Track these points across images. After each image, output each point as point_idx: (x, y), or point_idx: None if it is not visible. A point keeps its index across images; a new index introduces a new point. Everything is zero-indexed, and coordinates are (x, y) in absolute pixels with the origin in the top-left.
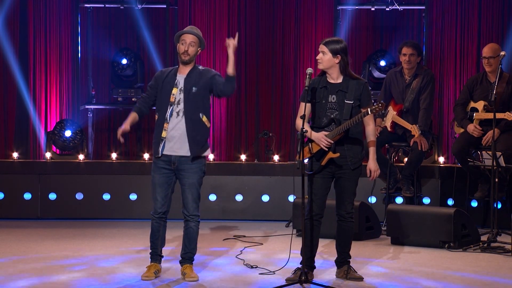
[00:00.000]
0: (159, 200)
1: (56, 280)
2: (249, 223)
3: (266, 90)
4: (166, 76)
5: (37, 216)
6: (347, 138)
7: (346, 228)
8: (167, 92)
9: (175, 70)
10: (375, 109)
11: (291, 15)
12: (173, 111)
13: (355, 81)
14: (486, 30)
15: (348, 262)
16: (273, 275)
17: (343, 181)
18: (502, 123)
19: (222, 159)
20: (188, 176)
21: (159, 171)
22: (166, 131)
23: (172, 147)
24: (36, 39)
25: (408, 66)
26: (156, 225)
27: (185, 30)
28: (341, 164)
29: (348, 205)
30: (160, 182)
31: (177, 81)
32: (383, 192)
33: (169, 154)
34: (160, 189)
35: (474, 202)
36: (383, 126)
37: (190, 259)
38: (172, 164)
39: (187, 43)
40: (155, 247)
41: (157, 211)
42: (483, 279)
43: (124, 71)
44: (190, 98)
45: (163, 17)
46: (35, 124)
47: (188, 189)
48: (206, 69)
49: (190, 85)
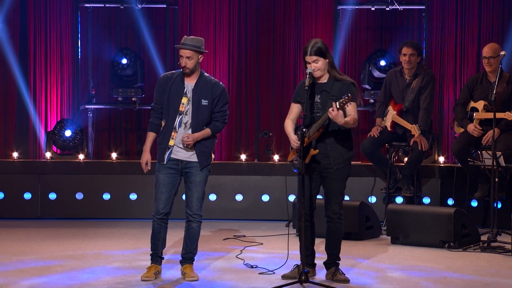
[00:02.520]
0: (162, 200)
1: (56, 280)
2: (249, 222)
3: (266, 90)
4: (173, 82)
5: (37, 216)
6: (330, 137)
7: (334, 229)
8: (175, 99)
9: (181, 75)
10: (342, 102)
11: (291, 15)
12: (182, 122)
13: (340, 83)
14: (486, 30)
15: (337, 264)
16: (273, 275)
17: (328, 181)
18: (502, 122)
19: (222, 158)
20: (195, 173)
21: (165, 170)
22: (174, 140)
23: (181, 152)
24: (36, 39)
25: (408, 66)
26: (158, 226)
27: (182, 44)
28: (324, 163)
29: (334, 206)
30: (165, 182)
31: (186, 89)
32: (383, 192)
33: (177, 159)
34: (165, 189)
35: (474, 202)
36: (383, 126)
37: (191, 259)
38: (180, 163)
39: (184, 58)
40: (155, 248)
41: (159, 212)
42: (483, 279)
43: (124, 71)
44: (199, 111)
45: (163, 17)
46: (35, 124)
47: (194, 187)
48: (216, 82)
49: (200, 97)
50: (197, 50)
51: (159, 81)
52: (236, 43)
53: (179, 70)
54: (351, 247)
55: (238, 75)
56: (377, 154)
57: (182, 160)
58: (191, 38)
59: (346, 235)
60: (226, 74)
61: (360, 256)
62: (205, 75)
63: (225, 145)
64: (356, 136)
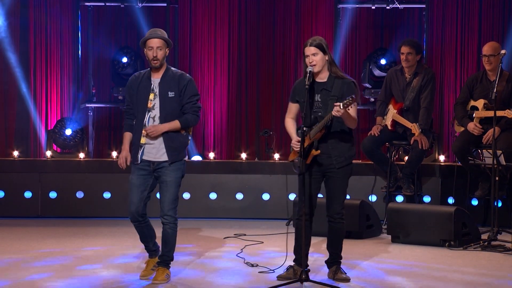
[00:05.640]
0: (134, 202)
1: (56, 279)
2: (250, 221)
3: (266, 88)
4: (140, 80)
5: (37, 215)
6: (332, 136)
7: (337, 228)
8: (143, 97)
9: (148, 73)
10: (346, 103)
11: (292, 13)
12: (150, 117)
13: (341, 81)
14: (487, 28)
15: (339, 263)
16: (273, 274)
17: (330, 181)
18: (503, 121)
19: (223, 157)
20: (166, 173)
21: (137, 172)
22: (144, 137)
23: (150, 153)
24: (37, 38)
25: (406, 65)
26: (139, 228)
27: (150, 35)
28: (327, 163)
29: (336, 206)
30: (137, 183)
31: (153, 85)
32: (384, 190)
33: (148, 160)
34: (136, 190)
35: (475, 201)
36: (383, 124)
37: (165, 262)
38: (151, 164)
39: (154, 48)
40: (147, 245)
41: (133, 215)
42: (483, 277)
43: (125, 70)
44: (166, 103)
45: (164, 16)
46: (36, 122)
47: (165, 187)
48: (182, 73)
49: (166, 89)
50: (167, 40)
51: (128, 83)
52: (236, 42)
53: (147, 70)
54: (352, 245)
55: (239, 73)
56: (378, 153)
57: (153, 161)
58: (159, 29)
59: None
60: (227, 73)
61: (360, 255)
62: (171, 69)
63: (226, 143)
64: (356, 135)
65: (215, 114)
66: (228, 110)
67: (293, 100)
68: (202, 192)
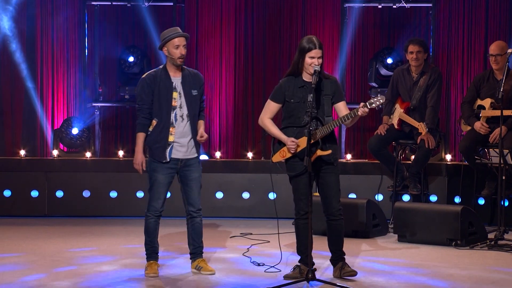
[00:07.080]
0: (162, 200)
1: (63, 278)
2: (256, 220)
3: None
4: (160, 79)
5: (44, 214)
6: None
7: (338, 226)
8: (166, 96)
9: (165, 72)
10: (372, 103)
11: (298, 13)
12: (177, 116)
13: (328, 81)
14: (494, 28)
15: (343, 259)
16: (279, 273)
17: (328, 177)
18: (510, 120)
19: (229, 156)
20: (194, 170)
21: (165, 171)
22: (173, 135)
23: (180, 151)
24: (44, 37)
25: (415, 64)
26: (154, 224)
27: (175, 33)
28: (326, 161)
29: (335, 203)
30: (165, 182)
31: (174, 84)
32: (390, 189)
33: (177, 158)
34: (163, 189)
35: (481, 200)
36: (390, 123)
37: (202, 253)
38: (179, 162)
39: (181, 46)
40: (153, 245)
41: (158, 210)
42: (490, 276)
43: (131, 69)
44: (192, 101)
45: (170, 15)
46: (42, 121)
47: (194, 184)
48: (197, 72)
49: (189, 88)
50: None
51: (144, 81)
52: (243, 41)
53: (159, 68)
54: (358, 244)
55: (245, 72)
56: (384, 152)
57: (181, 159)
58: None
59: (353, 233)
60: (233, 72)
61: (367, 254)
62: (187, 68)
63: (232, 143)
64: (363, 134)
65: (221, 114)
66: (234, 109)
67: (278, 100)
68: (209, 191)
